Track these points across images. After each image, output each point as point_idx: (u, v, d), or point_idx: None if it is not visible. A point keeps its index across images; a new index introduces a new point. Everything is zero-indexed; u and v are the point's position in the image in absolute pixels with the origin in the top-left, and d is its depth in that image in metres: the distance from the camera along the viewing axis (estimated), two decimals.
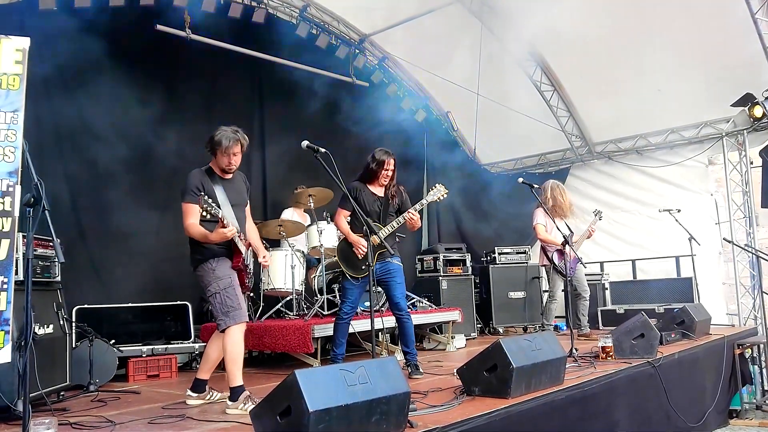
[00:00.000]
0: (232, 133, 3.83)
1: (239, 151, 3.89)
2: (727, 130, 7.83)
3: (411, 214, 4.71)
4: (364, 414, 2.65)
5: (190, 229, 3.77)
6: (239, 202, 4.02)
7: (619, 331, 5.05)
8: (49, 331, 4.20)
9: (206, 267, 3.82)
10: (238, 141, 3.85)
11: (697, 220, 7.78)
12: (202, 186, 3.76)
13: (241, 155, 3.93)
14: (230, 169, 3.93)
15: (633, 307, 7.72)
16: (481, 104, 8.48)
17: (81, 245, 6.16)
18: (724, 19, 6.65)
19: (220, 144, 3.81)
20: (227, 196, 3.90)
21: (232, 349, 3.73)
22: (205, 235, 3.72)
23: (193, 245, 3.88)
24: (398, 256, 4.85)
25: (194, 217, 3.73)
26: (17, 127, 2.51)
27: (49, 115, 5.97)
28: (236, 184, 4.06)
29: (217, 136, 3.83)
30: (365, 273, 4.66)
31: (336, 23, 8.43)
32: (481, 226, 9.95)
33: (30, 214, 2.35)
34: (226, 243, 3.80)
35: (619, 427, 4.20)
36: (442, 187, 4.94)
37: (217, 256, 3.83)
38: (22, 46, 2.57)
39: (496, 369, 3.55)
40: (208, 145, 3.89)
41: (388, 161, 4.73)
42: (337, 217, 4.88)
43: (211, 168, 3.95)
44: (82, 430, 3.32)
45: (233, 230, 3.68)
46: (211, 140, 3.85)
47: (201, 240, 3.78)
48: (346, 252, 4.79)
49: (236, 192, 4.02)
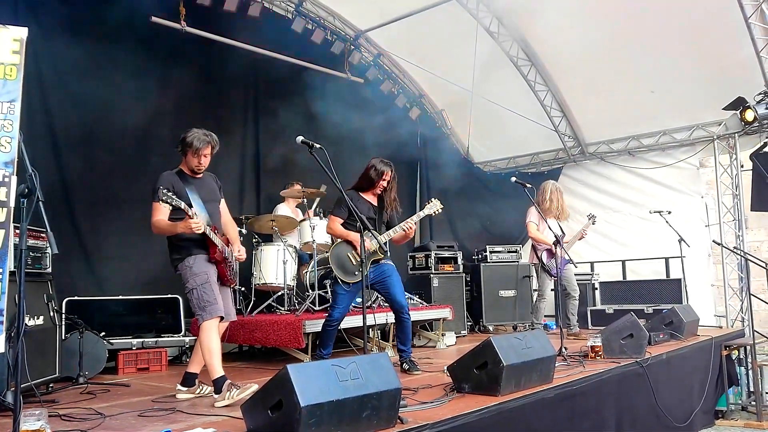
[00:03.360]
0: (203, 135, 4.01)
1: (209, 152, 4.06)
2: (718, 133, 7.88)
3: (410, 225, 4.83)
4: (356, 409, 2.67)
5: (156, 225, 3.90)
6: (211, 199, 4.17)
7: (609, 330, 5.09)
8: (39, 322, 4.19)
9: (184, 264, 3.95)
10: (209, 143, 4.02)
11: (687, 221, 7.84)
12: (171, 186, 3.86)
13: (210, 157, 4.08)
14: (199, 169, 4.08)
15: (622, 307, 7.77)
16: (475, 103, 8.51)
17: (73, 237, 6.12)
18: (717, 23, 6.70)
19: (192, 145, 3.97)
20: (198, 194, 4.04)
21: (208, 343, 3.83)
22: (173, 225, 3.84)
23: (171, 246, 4.02)
24: (388, 258, 4.92)
25: (161, 215, 3.87)
26: (14, 117, 2.51)
27: (41, 106, 5.93)
28: (206, 182, 4.21)
29: (189, 137, 3.98)
30: (359, 279, 4.69)
31: (332, 19, 8.42)
32: (472, 224, 9.99)
33: (24, 204, 2.34)
34: (200, 237, 3.89)
35: (608, 426, 4.24)
36: (438, 202, 5.06)
37: (194, 253, 3.95)
38: (19, 36, 2.56)
39: (486, 366, 3.57)
40: (180, 146, 4.04)
41: (387, 172, 4.84)
42: (330, 223, 4.90)
43: (181, 170, 4.10)
44: (71, 422, 3.31)
45: (199, 222, 3.78)
46: (183, 141, 4.01)
47: (169, 232, 3.91)
48: (340, 257, 4.78)
49: (207, 190, 4.16)
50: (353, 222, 4.77)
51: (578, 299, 7.13)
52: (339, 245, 4.80)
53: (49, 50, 5.85)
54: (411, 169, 10.01)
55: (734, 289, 7.74)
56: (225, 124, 7.36)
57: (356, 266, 4.70)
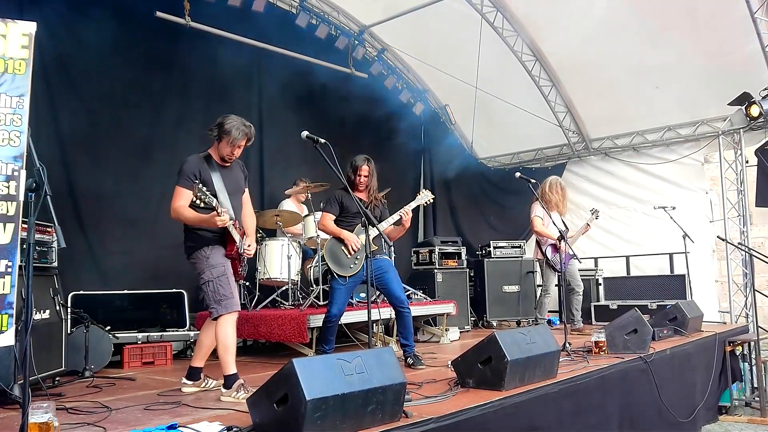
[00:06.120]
0: (242, 126, 3.78)
1: (244, 144, 3.86)
2: (723, 128, 7.85)
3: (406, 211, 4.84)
4: (360, 403, 2.68)
5: (178, 211, 3.70)
6: (236, 190, 3.97)
7: (613, 326, 5.09)
8: (46, 316, 4.20)
9: (200, 255, 3.79)
10: (246, 135, 3.82)
11: (691, 217, 7.83)
12: (199, 173, 3.72)
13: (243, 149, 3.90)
14: (231, 159, 3.90)
15: (626, 302, 7.78)
16: (479, 98, 8.49)
17: (78, 231, 6.14)
18: (723, 18, 6.68)
19: (229, 134, 3.75)
20: (224, 184, 3.85)
21: (224, 338, 3.73)
22: (198, 217, 3.67)
23: (187, 233, 3.85)
24: (386, 253, 4.94)
25: (184, 200, 3.67)
26: (23, 111, 2.51)
27: (46, 102, 5.94)
28: (234, 172, 4.01)
29: (228, 124, 3.76)
30: (354, 272, 4.75)
31: (336, 14, 8.41)
32: (476, 219, 9.99)
33: (32, 199, 2.35)
34: (220, 231, 3.76)
35: (611, 421, 4.25)
36: (428, 192, 5.14)
37: (211, 244, 3.79)
38: (28, 31, 2.56)
39: (490, 361, 3.58)
40: (216, 130, 3.81)
41: (362, 167, 4.86)
42: (322, 220, 4.92)
43: (209, 155, 3.90)
44: (78, 415, 3.33)
45: (227, 219, 3.63)
46: (220, 127, 3.78)
47: (192, 223, 3.74)
48: (335, 251, 4.81)
49: (233, 180, 3.97)
50: (345, 218, 4.87)
51: (582, 295, 7.13)
52: (333, 240, 4.85)
53: (54, 45, 5.86)
54: (415, 165, 10.00)
55: (738, 285, 7.73)
56: None
57: (351, 259, 4.76)
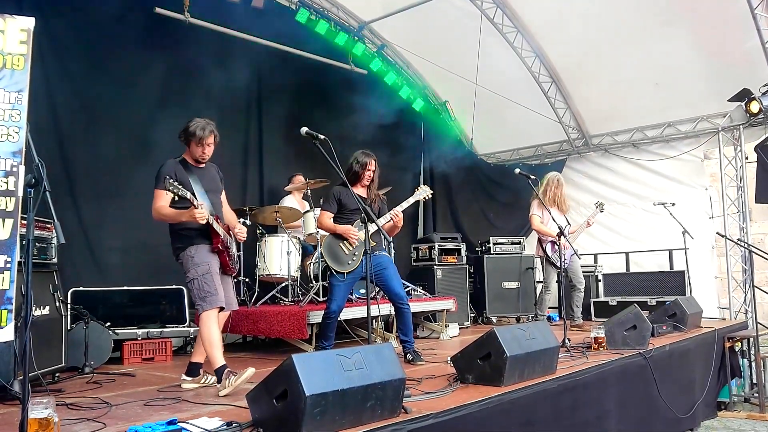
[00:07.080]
0: (205, 124, 4.01)
1: (212, 141, 4.05)
2: (723, 125, 7.85)
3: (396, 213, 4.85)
4: (360, 399, 2.68)
5: (159, 212, 3.89)
6: (214, 189, 4.17)
7: (612, 322, 5.09)
8: (45, 312, 4.21)
9: (186, 254, 3.96)
10: (212, 132, 4.02)
11: (691, 214, 7.83)
12: (174, 174, 3.88)
13: (213, 146, 4.09)
14: (203, 158, 4.10)
15: (626, 299, 7.78)
16: (479, 94, 8.48)
17: (77, 228, 6.14)
18: (723, 14, 6.67)
19: (194, 135, 3.98)
20: (202, 184, 4.04)
21: (208, 334, 3.85)
22: (178, 213, 3.84)
23: (173, 235, 4.03)
24: (385, 249, 4.94)
25: (163, 201, 3.86)
26: (21, 107, 2.52)
27: (45, 97, 5.93)
28: (210, 172, 4.22)
29: (192, 127, 3.99)
30: (351, 268, 4.75)
31: (335, 10, 8.40)
32: (476, 215, 9.99)
33: (31, 194, 2.35)
34: (203, 227, 3.89)
35: (610, 417, 4.26)
36: (427, 187, 5.15)
37: (196, 242, 3.95)
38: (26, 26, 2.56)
39: (490, 357, 3.58)
40: (182, 135, 4.05)
41: (370, 162, 4.88)
42: (320, 217, 4.94)
43: (184, 159, 4.10)
44: (78, 411, 3.33)
45: (205, 212, 3.79)
46: (186, 131, 4.02)
47: (172, 220, 3.92)
48: (333, 248, 4.81)
49: (210, 179, 4.17)
50: (343, 215, 4.87)
51: (583, 291, 7.13)
52: (330, 237, 4.86)
53: (53, 41, 5.85)
54: (414, 161, 9.99)
55: (738, 281, 7.74)
56: (228, 115, 7.35)
57: (349, 255, 4.76)
